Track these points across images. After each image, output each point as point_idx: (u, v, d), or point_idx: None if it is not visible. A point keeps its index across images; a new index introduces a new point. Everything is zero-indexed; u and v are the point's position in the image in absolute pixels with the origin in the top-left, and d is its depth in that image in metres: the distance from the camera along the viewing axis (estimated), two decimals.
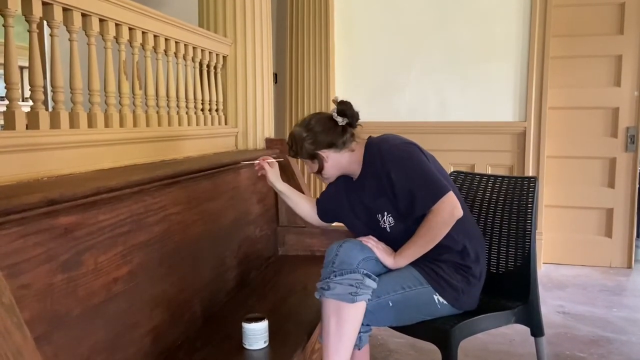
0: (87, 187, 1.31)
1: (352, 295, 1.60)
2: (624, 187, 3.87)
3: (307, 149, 1.83)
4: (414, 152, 1.78)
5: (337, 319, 1.61)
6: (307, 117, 1.91)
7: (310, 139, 1.83)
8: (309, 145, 1.83)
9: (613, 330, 2.80)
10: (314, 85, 4.06)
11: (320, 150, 1.83)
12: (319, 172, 1.88)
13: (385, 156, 1.78)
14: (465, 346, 2.41)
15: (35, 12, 1.46)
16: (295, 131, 1.87)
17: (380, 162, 1.78)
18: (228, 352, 1.61)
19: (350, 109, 1.83)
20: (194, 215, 1.88)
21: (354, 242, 1.72)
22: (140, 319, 1.50)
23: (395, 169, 1.75)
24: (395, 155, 1.77)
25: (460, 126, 3.90)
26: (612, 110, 3.86)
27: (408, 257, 1.75)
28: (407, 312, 1.73)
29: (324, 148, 1.82)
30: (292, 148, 1.87)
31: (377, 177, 1.79)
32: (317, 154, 1.83)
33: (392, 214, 1.79)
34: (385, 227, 1.80)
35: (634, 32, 3.78)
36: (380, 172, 1.78)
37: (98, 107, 1.75)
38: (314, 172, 1.90)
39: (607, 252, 3.93)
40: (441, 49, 3.94)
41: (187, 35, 2.30)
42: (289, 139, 1.89)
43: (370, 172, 1.83)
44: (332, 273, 1.64)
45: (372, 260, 1.71)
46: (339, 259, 1.65)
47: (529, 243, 1.94)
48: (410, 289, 1.71)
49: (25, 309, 1.09)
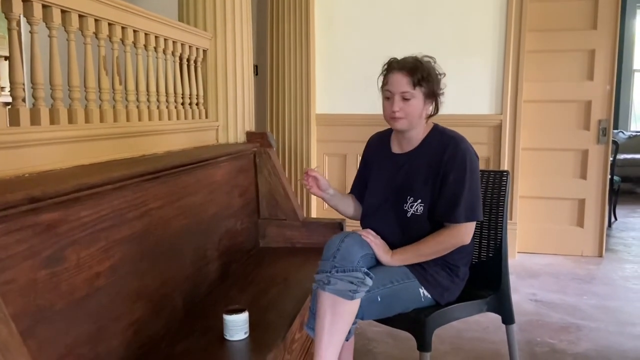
0: (69, 184, 1.33)
1: (352, 293, 1.62)
2: (595, 178, 3.98)
3: (435, 86, 1.80)
4: (478, 169, 1.83)
5: (333, 313, 1.62)
6: (425, 55, 1.83)
7: (439, 78, 1.82)
8: (438, 83, 1.81)
9: (583, 317, 2.90)
10: (294, 78, 4.08)
11: (439, 92, 1.82)
12: (427, 115, 1.83)
13: (457, 156, 1.77)
14: (441, 334, 2.49)
15: (15, 10, 1.46)
16: (425, 62, 1.80)
17: (449, 157, 1.77)
18: (209, 343, 1.65)
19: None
20: (175, 209, 1.91)
21: (354, 238, 1.74)
22: (123, 312, 1.53)
23: (457, 172, 1.76)
24: (466, 161, 1.77)
25: (438, 119, 3.95)
26: (585, 103, 3.96)
27: (404, 260, 1.79)
28: (393, 306, 1.77)
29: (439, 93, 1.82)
30: (422, 76, 1.76)
31: (434, 166, 1.80)
32: (438, 95, 1.82)
33: (424, 204, 1.80)
34: (407, 211, 1.82)
35: (607, 27, 3.87)
36: (441, 163, 1.78)
37: (78, 103, 1.76)
38: (409, 110, 1.78)
39: (579, 241, 4.05)
40: (419, 42, 3.98)
41: (166, 30, 2.31)
42: (416, 64, 1.77)
43: (428, 156, 1.82)
44: (334, 268, 1.65)
45: (369, 255, 1.75)
46: (341, 254, 1.66)
47: (501, 234, 2.01)
48: (398, 282, 1.76)
49: (10, 304, 1.11)
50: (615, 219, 5.27)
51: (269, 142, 2.79)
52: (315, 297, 1.69)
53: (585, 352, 2.50)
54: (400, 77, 1.77)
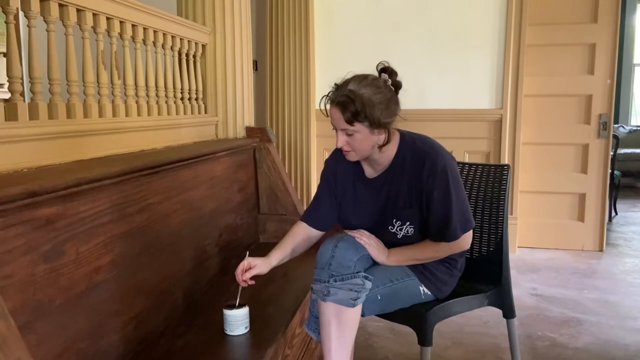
0: (68, 178, 1.32)
1: (353, 300, 1.58)
2: (596, 172, 3.98)
3: (377, 117, 1.56)
4: (458, 175, 1.71)
5: (338, 323, 1.58)
6: (370, 77, 1.62)
7: (382, 105, 1.57)
8: (381, 113, 1.56)
9: (583, 311, 2.90)
10: (294, 73, 4.07)
11: (390, 119, 1.59)
12: (381, 145, 1.62)
13: (437, 172, 1.65)
14: (442, 328, 2.49)
15: (13, 4, 1.45)
16: (362, 92, 1.56)
17: (428, 174, 1.65)
18: (209, 338, 1.65)
19: (397, 79, 1.65)
20: (175, 204, 1.90)
21: (347, 242, 1.66)
22: (122, 307, 1.53)
23: (441, 190, 1.65)
24: (447, 175, 1.65)
25: (438, 113, 3.96)
26: (586, 97, 3.95)
27: (401, 262, 1.75)
28: (393, 303, 1.75)
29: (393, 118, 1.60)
30: (357, 110, 1.54)
31: (415, 186, 1.68)
32: (385, 125, 1.59)
33: (414, 225, 1.71)
34: (396, 234, 1.73)
35: (608, 21, 3.85)
36: (422, 183, 1.66)
37: (77, 98, 1.75)
38: (357, 145, 1.61)
39: (580, 235, 4.05)
40: (420, 37, 3.98)
41: (165, 24, 2.30)
42: (349, 96, 1.55)
43: (407, 176, 1.69)
44: (332, 277, 1.58)
45: (365, 257, 1.70)
46: (336, 261, 1.60)
47: (501, 228, 2.00)
48: (397, 281, 1.73)
49: (9, 299, 1.10)
50: (615, 213, 5.27)
51: (268, 137, 2.78)
52: (316, 301, 1.65)
53: (586, 346, 2.50)
54: (335, 112, 1.60)
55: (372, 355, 2.43)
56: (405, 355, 2.41)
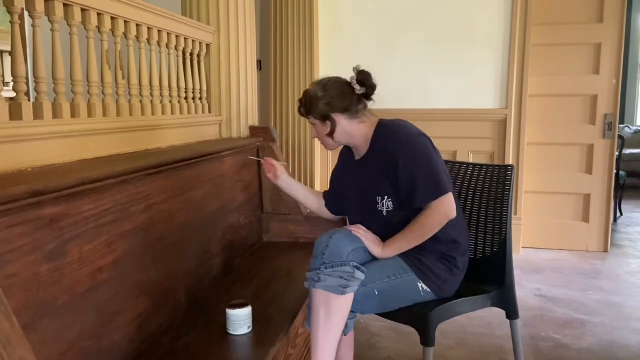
0: (71, 177, 1.33)
1: (342, 288, 1.62)
2: (601, 173, 3.96)
3: (321, 109, 1.82)
4: (426, 146, 1.79)
5: (326, 309, 1.63)
6: (325, 77, 1.88)
7: (325, 99, 1.81)
8: (324, 105, 1.81)
9: (587, 312, 2.89)
10: (298, 72, 4.07)
11: (333, 113, 1.81)
12: (329, 134, 1.85)
13: (399, 141, 1.77)
14: (445, 328, 2.49)
15: (17, 3, 1.46)
16: (311, 90, 1.84)
17: (392, 146, 1.77)
18: (212, 337, 1.65)
19: (369, 79, 1.82)
20: (178, 203, 1.90)
21: (343, 233, 1.73)
22: (126, 306, 1.53)
23: (405, 156, 1.75)
24: (410, 143, 1.76)
25: (443, 113, 3.95)
26: (591, 97, 3.94)
27: (396, 249, 1.78)
28: (392, 300, 1.77)
29: (337, 111, 1.81)
30: (305, 106, 1.85)
31: (384, 160, 1.79)
32: (329, 116, 1.82)
33: (392, 198, 1.79)
34: (382, 210, 1.81)
35: (613, 20, 3.84)
36: (388, 155, 1.78)
37: (81, 97, 1.76)
38: (320, 135, 1.88)
39: (584, 236, 4.03)
40: (424, 36, 3.97)
41: (169, 24, 2.30)
42: (303, 96, 1.86)
43: (377, 153, 1.82)
44: (322, 264, 1.66)
45: (360, 249, 1.74)
46: (329, 250, 1.67)
47: (505, 229, 2.00)
48: (395, 277, 1.75)
49: (12, 298, 1.11)
50: (620, 213, 5.25)
51: (272, 137, 2.78)
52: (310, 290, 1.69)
53: (589, 346, 2.49)
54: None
55: (374, 354, 2.43)
56: (408, 355, 2.41)
